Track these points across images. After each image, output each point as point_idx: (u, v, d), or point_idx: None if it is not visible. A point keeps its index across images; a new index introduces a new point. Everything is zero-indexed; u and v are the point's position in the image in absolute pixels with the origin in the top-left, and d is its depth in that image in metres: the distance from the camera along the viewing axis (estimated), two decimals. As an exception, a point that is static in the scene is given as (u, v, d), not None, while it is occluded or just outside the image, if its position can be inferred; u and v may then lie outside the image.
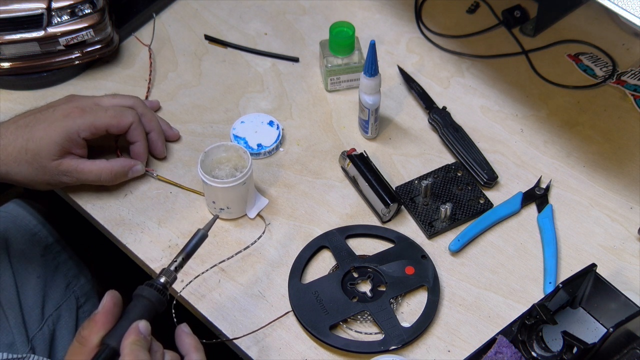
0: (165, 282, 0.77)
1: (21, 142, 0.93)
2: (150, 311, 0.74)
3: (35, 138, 0.93)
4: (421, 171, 1.03)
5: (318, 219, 0.99)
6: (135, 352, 0.70)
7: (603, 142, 1.07)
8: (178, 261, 0.78)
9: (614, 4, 0.78)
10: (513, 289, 0.93)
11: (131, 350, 0.70)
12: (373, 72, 0.99)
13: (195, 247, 0.79)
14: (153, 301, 0.75)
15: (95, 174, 0.97)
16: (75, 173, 0.95)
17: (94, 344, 0.71)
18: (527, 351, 0.84)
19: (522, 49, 1.17)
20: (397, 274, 0.92)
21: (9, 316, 1.03)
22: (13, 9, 1.05)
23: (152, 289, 0.75)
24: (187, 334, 0.77)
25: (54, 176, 0.94)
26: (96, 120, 0.95)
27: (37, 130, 0.93)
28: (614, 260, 0.95)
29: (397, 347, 0.87)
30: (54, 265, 1.12)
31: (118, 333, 0.72)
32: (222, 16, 1.22)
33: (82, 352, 0.71)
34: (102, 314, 0.72)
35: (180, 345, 0.77)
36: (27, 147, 0.92)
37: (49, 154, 0.93)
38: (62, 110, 0.95)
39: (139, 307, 0.74)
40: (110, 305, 0.73)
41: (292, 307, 0.91)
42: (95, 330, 0.72)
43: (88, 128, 0.95)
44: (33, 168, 0.93)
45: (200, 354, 0.76)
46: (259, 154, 1.04)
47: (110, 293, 0.74)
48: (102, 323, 0.72)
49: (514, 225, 0.99)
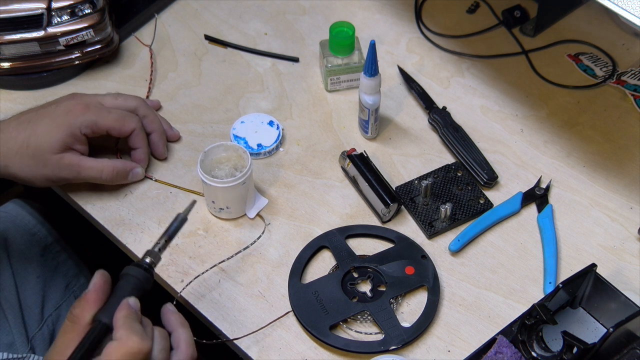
0: (150, 262, 0.79)
1: (23, 137, 0.92)
2: (138, 289, 0.76)
3: (38, 133, 0.93)
4: (421, 171, 1.03)
5: (318, 219, 0.99)
6: (128, 323, 0.72)
7: (603, 142, 1.07)
8: (161, 243, 0.81)
9: (614, 4, 0.78)
10: (513, 289, 0.93)
11: (124, 322, 0.72)
12: (373, 72, 0.99)
13: (176, 230, 0.82)
14: (140, 279, 0.77)
15: (96, 171, 0.96)
16: (76, 168, 0.95)
17: (86, 322, 0.73)
18: (527, 351, 0.84)
19: (522, 49, 1.17)
20: (397, 274, 0.92)
21: (8, 316, 1.03)
22: (13, 9, 1.05)
23: (139, 268, 0.77)
24: (172, 312, 0.80)
25: (54, 171, 0.94)
26: (99, 120, 0.95)
27: (39, 125, 0.93)
28: (614, 260, 0.95)
29: (397, 347, 0.87)
30: (53, 265, 1.12)
31: (109, 309, 0.73)
32: (222, 16, 1.22)
33: (75, 330, 0.72)
34: (93, 292, 0.74)
35: (167, 323, 0.79)
36: (29, 142, 0.92)
37: (51, 148, 0.93)
38: (65, 106, 0.95)
39: (127, 285, 0.76)
40: (101, 283, 0.74)
41: (292, 307, 0.90)
42: (87, 308, 0.73)
43: (90, 126, 0.95)
44: (34, 162, 0.93)
45: (186, 329, 0.78)
46: (259, 154, 1.04)
47: (100, 272, 0.75)
48: (93, 301, 0.73)
49: (514, 225, 0.99)
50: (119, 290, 0.75)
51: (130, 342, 0.70)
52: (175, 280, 0.93)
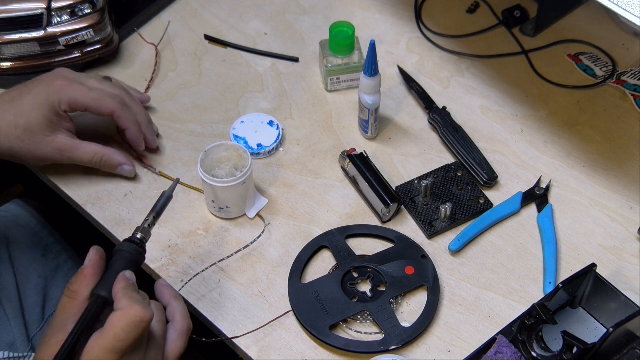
0: (141, 237, 0.81)
1: (9, 118, 0.92)
2: (132, 263, 0.79)
3: (23, 112, 0.92)
4: (421, 171, 1.03)
5: (318, 219, 0.99)
6: (129, 294, 0.73)
7: (603, 142, 1.07)
8: (150, 219, 0.83)
9: (614, 4, 0.78)
10: (513, 289, 0.93)
11: (124, 293, 0.73)
12: (373, 72, 0.99)
13: (163, 207, 0.85)
14: (133, 254, 0.79)
15: (88, 156, 0.97)
16: (68, 152, 0.95)
17: (85, 297, 0.74)
18: (527, 351, 0.84)
19: (522, 49, 1.17)
20: (397, 274, 0.92)
21: (9, 316, 1.04)
22: (13, 9, 1.05)
23: (132, 244, 0.80)
24: (165, 286, 0.82)
25: (46, 154, 0.94)
26: (78, 97, 0.94)
27: (23, 103, 0.93)
28: (614, 260, 0.95)
29: (397, 347, 0.87)
30: (54, 265, 1.12)
31: (106, 284, 0.75)
32: (222, 16, 1.22)
33: (75, 306, 0.73)
34: (90, 267, 0.75)
35: (161, 296, 0.81)
36: (17, 123, 0.92)
37: (40, 129, 0.93)
38: (46, 82, 0.95)
39: (122, 260, 0.78)
40: (97, 259, 0.76)
41: (292, 307, 0.91)
42: (85, 283, 0.74)
43: (68, 101, 0.94)
44: (25, 144, 0.93)
45: (180, 302, 0.81)
46: (259, 154, 1.04)
47: (95, 248, 0.77)
48: (91, 276, 0.75)
49: (514, 225, 0.99)
50: (114, 265, 0.77)
51: (133, 310, 0.71)
52: (175, 280, 0.93)
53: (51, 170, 1.02)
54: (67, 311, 0.73)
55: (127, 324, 0.70)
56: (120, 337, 0.70)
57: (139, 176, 1.02)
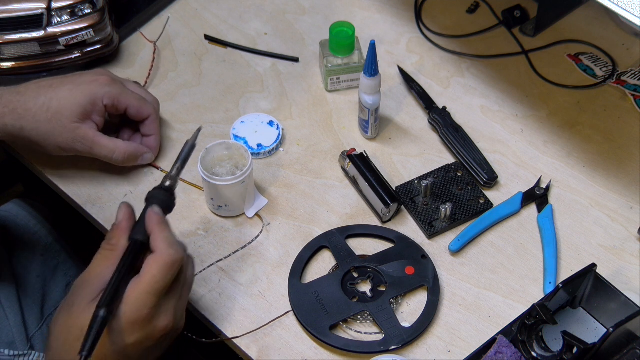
0: (170, 184, 0.82)
1: (43, 100, 0.94)
2: (164, 208, 0.80)
3: (60, 97, 0.94)
4: (421, 171, 1.03)
5: (318, 219, 0.99)
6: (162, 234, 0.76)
7: (603, 142, 1.07)
8: (177, 166, 0.84)
9: (614, 4, 0.78)
10: (513, 289, 0.93)
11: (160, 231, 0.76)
12: (373, 72, 0.99)
13: (187, 156, 0.85)
14: (164, 199, 0.81)
15: (109, 150, 0.98)
16: (90, 143, 0.96)
17: (123, 246, 0.77)
18: (527, 351, 0.84)
19: (522, 49, 1.17)
20: (397, 274, 0.92)
21: (8, 315, 1.04)
22: (13, 9, 1.05)
23: (161, 190, 0.81)
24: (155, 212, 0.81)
25: (68, 141, 0.95)
26: (121, 95, 0.97)
27: (61, 90, 0.95)
28: (614, 260, 0.95)
29: (397, 347, 0.87)
30: (53, 264, 1.12)
31: (140, 229, 0.78)
32: (222, 16, 1.22)
33: (114, 257, 0.76)
34: (125, 220, 0.78)
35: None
36: (50, 105, 0.93)
37: (71, 114, 0.94)
38: (91, 75, 0.98)
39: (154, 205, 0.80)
40: (130, 212, 0.79)
41: (292, 307, 0.91)
42: (122, 234, 0.78)
43: (112, 97, 0.96)
44: (51, 127, 0.94)
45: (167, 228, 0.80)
46: (259, 154, 1.04)
47: (125, 203, 0.80)
48: (126, 228, 0.78)
49: (514, 225, 0.99)
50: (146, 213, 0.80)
51: (166, 254, 0.74)
52: (175, 280, 0.93)
53: (51, 170, 1.02)
54: (106, 262, 0.76)
55: (161, 268, 0.74)
56: (157, 279, 0.73)
57: (139, 177, 1.02)
